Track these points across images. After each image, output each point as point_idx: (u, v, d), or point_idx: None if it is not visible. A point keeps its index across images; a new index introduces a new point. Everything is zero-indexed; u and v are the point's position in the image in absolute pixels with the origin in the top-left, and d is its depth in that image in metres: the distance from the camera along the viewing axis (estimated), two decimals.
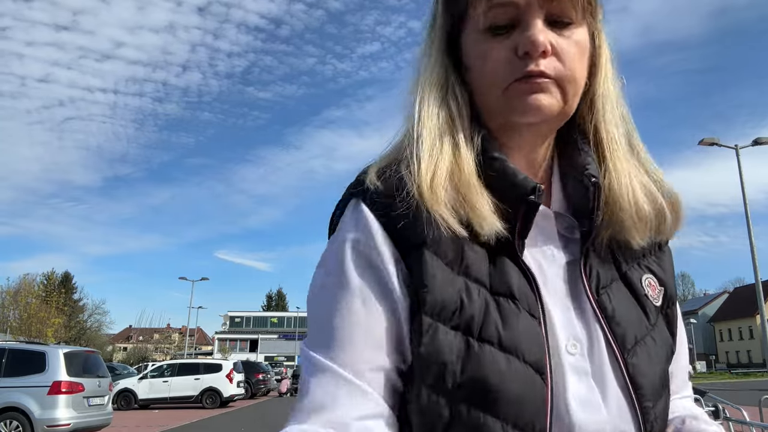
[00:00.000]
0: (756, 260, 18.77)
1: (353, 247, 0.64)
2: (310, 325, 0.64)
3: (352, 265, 0.63)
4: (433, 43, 0.72)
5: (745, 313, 67.72)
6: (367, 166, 0.69)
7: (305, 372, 0.61)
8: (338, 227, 0.67)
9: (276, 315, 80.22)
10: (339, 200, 0.70)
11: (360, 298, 0.62)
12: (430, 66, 0.70)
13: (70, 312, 51.13)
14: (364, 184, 0.66)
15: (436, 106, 0.68)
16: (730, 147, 18.83)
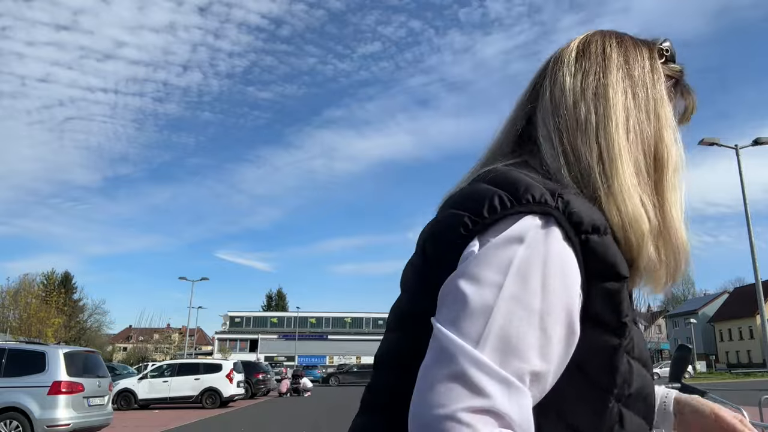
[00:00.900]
0: (756, 260, 18.78)
1: (553, 269, 0.63)
2: (489, 329, 0.60)
3: (551, 287, 0.62)
4: (658, 79, 0.79)
5: (745, 313, 67.71)
6: (542, 184, 0.67)
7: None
8: (526, 242, 0.63)
9: (276, 315, 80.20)
10: (499, 198, 0.67)
11: (558, 323, 0.62)
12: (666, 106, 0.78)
13: (70, 312, 51.12)
14: (549, 204, 0.65)
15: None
16: (730, 147, 18.83)
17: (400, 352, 0.71)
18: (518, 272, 0.61)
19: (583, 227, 0.65)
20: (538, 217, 0.65)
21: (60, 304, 48.15)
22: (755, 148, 18.54)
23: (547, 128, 0.75)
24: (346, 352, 73.48)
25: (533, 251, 0.63)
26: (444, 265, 0.66)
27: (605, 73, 0.75)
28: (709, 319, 78.50)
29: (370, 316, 79.20)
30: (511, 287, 0.61)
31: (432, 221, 0.73)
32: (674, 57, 0.83)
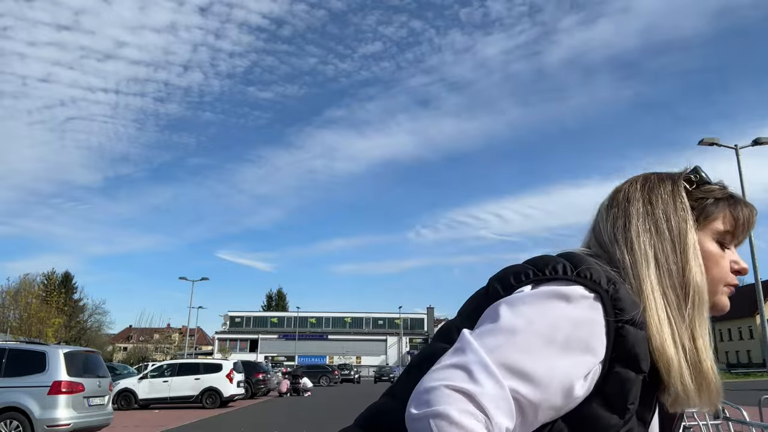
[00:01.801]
0: (756, 260, 18.79)
1: (581, 334, 0.73)
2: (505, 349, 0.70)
3: (571, 347, 0.72)
4: (688, 223, 0.87)
5: (745, 313, 67.71)
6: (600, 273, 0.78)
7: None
8: (570, 302, 0.74)
9: (276, 315, 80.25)
10: (563, 266, 0.79)
11: (561, 377, 0.71)
12: (690, 236, 0.86)
13: (70, 312, 51.10)
14: (602, 286, 0.76)
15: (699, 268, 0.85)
16: (730, 147, 18.85)
17: (432, 356, 0.79)
18: (553, 321, 0.72)
19: (624, 315, 0.75)
20: (588, 290, 0.76)
21: (60, 304, 48.13)
22: (755, 148, 18.55)
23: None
24: (346, 352, 73.52)
25: (572, 311, 0.73)
26: (496, 297, 0.79)
27: (629, 218, 0.87)
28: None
29: (370, 316, 79.23)
30: (540, 328, 0.71)
31: (503, 269, 0.85)
32: (705, 180, 0.92)
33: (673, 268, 0.83)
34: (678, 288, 0.82)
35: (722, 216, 0.91)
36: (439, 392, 0.66)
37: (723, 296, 0.89)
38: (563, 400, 0.72)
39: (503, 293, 0.79)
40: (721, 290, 0.89)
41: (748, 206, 0.95)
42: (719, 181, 0.94)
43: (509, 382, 0.68)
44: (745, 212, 0.93)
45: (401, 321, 74.45)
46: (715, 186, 0.93)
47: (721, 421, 6.90)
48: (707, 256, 0.87)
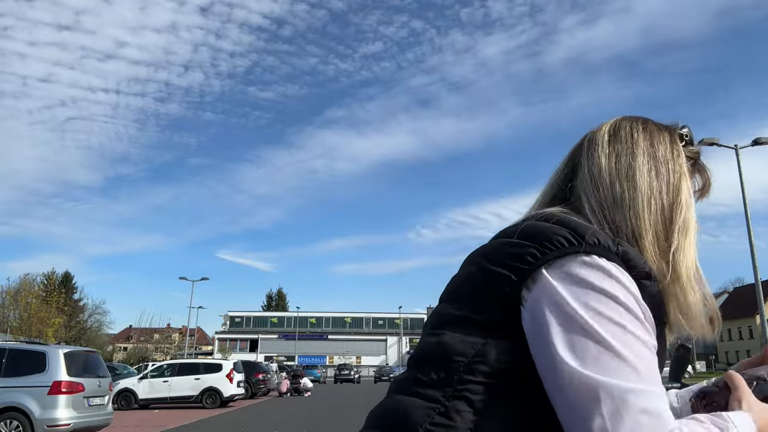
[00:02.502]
0: (756, 260, 18.79)
1: (637, 300, 0.73)
2: (634, 365, 0.69)
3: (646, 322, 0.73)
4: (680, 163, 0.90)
5: (745, 313, 67.71)
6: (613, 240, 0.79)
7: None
8: (619, 280, 0.73)
9: (276, 315, 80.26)
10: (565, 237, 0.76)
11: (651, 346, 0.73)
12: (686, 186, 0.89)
13: (70, 312, 51.10)
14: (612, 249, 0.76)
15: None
16: (730, 147, 18.84)
17: (428, 353, 0.80)
18: (627, 308, 0.71)
19: (638, 272, 0.76)
20: (605, 258, 0.74)
21: (60, 304, 48.13)
22: (755, 148, 18.55)
23: (590, 203, 0.86)
24: (346, 351, 73.53)
25: (619, 283, 0.73)
26: (507, 282, 0.76)
27: (634, 156, 0.87)
28: None
29: (370, 316, 79.24)
30: (629, 325, 0.70)
31: (492, 247, 0.84)
32: (692, 140, 0.95)
33: (666, 207, 0.85)
34: (667, 223, 0.85)
35: (698, 176, 0.96)
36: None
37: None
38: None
39: (515, 278, 0.76)
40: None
41: (710, 171, 0.99)
42: (697, 144, 0.97)
43: (658, 386, 0.69)
44: (710, 175, 0.98)
45: (401, 321, 74.42)
46: (697, 149, 0.97)
47: None
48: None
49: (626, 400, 0.65)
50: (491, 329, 0.76)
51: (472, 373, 0.74)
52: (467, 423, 0.73)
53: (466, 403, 0.74)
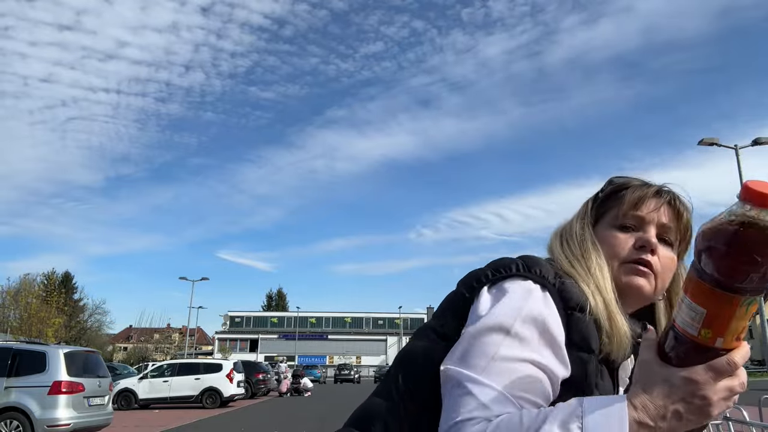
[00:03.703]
0: None
1: (548, 323, 0.83)
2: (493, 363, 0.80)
3: (543, 339, 0.82)
4: (584, 219, 1.04)
5: None
6: (538, 260, 0.94)
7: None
8: (532, 296, 0.86)
9: (276, 315, 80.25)
10: (511, 267, 0.91)
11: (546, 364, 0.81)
12: (582, 230, 1.01)
13: (70, 312, 51.04)
14: (549, 281, 0.89)
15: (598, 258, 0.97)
16: (730, 147, 18.85)
17: (410, 354, 0.94)
18: (532, 325, 0.82)
19: (570, 304, 0.86)
20: (539, 286, 0.87)
21: (60, 304, 48.08)
22: (755, 148, 18.55)
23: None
24: (346, 351, 73.54)
25: (537, 305, 0.84)
26: (462, 298, 0.92)
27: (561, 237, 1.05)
28: None
29: (370, 316, 79.25)
30: (517, 330, 0.81)
31: (469, 273, 0.97)
32: (613, 186, 1.06)
33: (580, 261, 0.95)
34: (584, 267, 0.95)
35: (617, 205, 1.02)
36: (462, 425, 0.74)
37: (629, 276, 0.96)
38: (551, 385, 0.81)
39: (467, 295, 0.91)
40: (622, 270, 0.97)
41: (642, 188, 1.03)
42: (631, 179, 1.06)
43: (507, 389, 0.77)
44: (635, 194, 1.02)
45: (401, 321, 74.42)
46: (618, 184, 1.06)
47: (722, 421, 6.90)
48: (602, 240, 1.00)
49: (464, 386, 0.77)
50: (446, 339, 0.88)
51: (425, 375, 0.86)
52: (413, 417, 0.86)
53: (415, 401, 0.87)
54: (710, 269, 0.60)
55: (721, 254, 0.58)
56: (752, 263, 0.57)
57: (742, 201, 0.59)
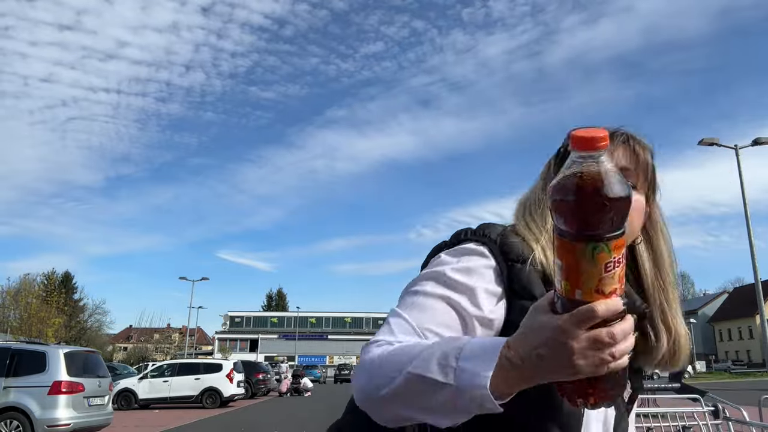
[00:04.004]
0: (756, 260, 18.80)
1: (477, 271, 0.92)
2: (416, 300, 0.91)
3: (467, 283, 0.91)
4: (545, 177, 1.07)
5: (745, 313, 67.72)
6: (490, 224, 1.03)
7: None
8: (465, 255, 0.95)
9: (276, 315, 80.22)
10: (462, 234, 1.01)
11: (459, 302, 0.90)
12: (540, 191, 1.05)
13: (70, 312, 51.05)
14: (491, 238, 0.97)
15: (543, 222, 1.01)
16: (730, 147, 18.86)
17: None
18: (457, 268, 0.92)
19: (510, 256, 0.93)
20: (482, 244, 0.96)
21: (60, 304, 48.09)
22: (755, 148, 18.57)
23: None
24: (346, 351, 73.51)
25: (464, 259, 0.94)
26: (423, 266, 1.03)
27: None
28: (708, 319, 78.51)
29: (370, 316, 79.19)
30: (446, 277, 0.91)
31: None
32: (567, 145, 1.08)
33: (537, 221, 1.00)
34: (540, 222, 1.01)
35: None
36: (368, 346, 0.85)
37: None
38: (460, 322, 0.89)
39: (426, 260, 1.02)
40: None
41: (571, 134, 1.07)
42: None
43: (416, 322, 0.87)
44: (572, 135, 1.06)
45: None
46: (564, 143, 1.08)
47: (721, 421, 6.90)
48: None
49: (388, 319, 0.88)
50: None
51: None
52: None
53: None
54: (556, 221, 0.64)
55: (557, 205, 0.62)
56: (583, 210, 0.60)
57: (571, 150, 0.63)
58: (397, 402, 0.77)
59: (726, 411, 6.09)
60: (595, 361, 0.63)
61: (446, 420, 0.75)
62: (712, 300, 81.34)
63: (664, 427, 3.84)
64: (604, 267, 0.62)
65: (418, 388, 0.75)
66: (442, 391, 0.73)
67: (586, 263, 0.62)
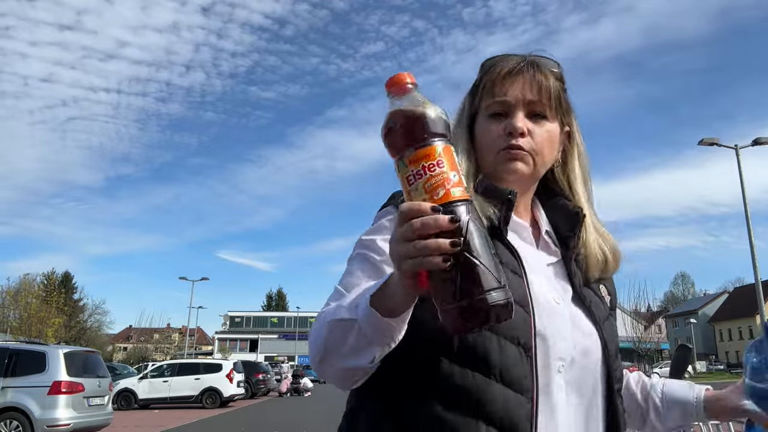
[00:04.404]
0: (756, 260, 18.79)
1: (386, 226, 1.01)
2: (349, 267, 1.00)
3: (378, 239, 0.99)
4: (460, 121, 1.09)
5: (745, 313, 67.69)
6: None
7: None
8: (378, 219, 1.05)
9: (276, 315, 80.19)
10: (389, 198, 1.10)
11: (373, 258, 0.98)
12: (457, 136, 1.05)
13: (70, 312, 51.03)
14: (398, 198, 1.04)
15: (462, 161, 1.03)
16: (730, 147, 18.85)
17: None
18: (371, 230, 1.02)
19: (398, 203, 1.00)
20: (393, 205, 1.04)
21: (60, 304, 48.07)
22: (755, 148, 18.56)
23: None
24: None
25: (375, 222, 1.04)
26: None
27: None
28: (709, 319, 78.46)
29: None
30: (363, 240, 1.01)
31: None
32: (487, 68, 1.10)
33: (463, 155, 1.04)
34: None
35: (487, 92, 1.06)
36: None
37: (504, 164, 1.01)
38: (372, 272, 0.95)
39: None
40: (498, 159, 1.02)
41: (498, 69, 1.06)
42: (496, 60, 1.10)
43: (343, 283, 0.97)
44: (493, 79, 1.05)
45: None
46: (485, 69, 1.10)
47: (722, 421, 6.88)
48: (480, 135, 1.06)
49: (337, 284, 0.97)
50: None
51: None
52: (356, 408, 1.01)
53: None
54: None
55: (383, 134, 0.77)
56: (384, 138, 0.76)
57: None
58: (331, 355, 0.86)
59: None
60: (406, 251, 0.68)
61: (367, 357, 0.83)
62: (712, 300, 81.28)
63: None
64: (407, 180, 0.72)
65: (338, 334, 0.84)
66: (353, 329, 0.82)
67: (400, 181, 0.73)
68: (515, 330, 0.88)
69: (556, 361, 0.91)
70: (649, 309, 61.87)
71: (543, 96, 1.02)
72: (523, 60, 1.05)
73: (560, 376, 0.92)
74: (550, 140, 1.03)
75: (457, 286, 0.67)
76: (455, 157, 0.73)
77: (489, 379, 0.86)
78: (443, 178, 0.70)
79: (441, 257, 0.66)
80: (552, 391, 0.90)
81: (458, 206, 0.69)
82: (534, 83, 1.02)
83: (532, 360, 0.89)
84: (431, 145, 0.72)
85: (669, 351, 60.53)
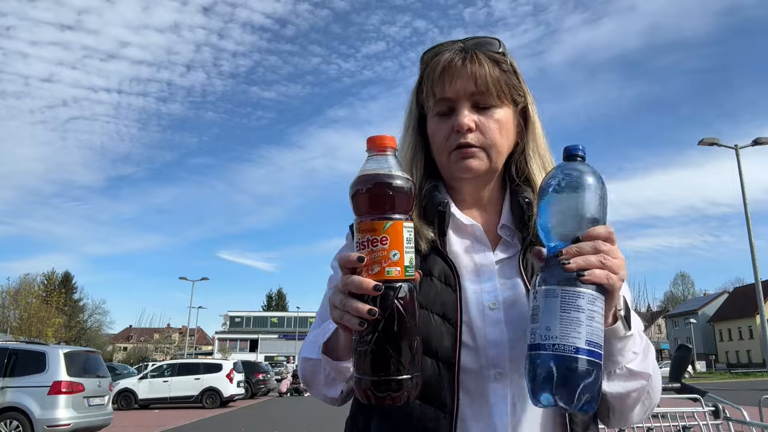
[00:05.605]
0: (756, 260, 18.79)
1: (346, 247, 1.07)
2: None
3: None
4: (408, 125, 1.08)
5: (745, 313, 67.69)
6: None
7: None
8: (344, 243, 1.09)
9: (276, 315, 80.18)
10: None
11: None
12: (405, 141, 1.07)
13: (70, 312, 51.05)
14: None
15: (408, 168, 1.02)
16: (730, 147, 18.85)
17: None
18: (339, 251, 1.05)
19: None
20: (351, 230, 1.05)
21: (60, 304, 48.07)
22: (755, 148, 18.55)
23: None
24: None
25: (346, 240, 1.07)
26: None
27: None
28: (708, 319, 78.47)
29: None
30: (333, 260, 1.02)
31: None
32: (423, 70, 1.06)
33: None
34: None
35: (429, 90, 1.02)
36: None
37: (457, 163, 0.99)
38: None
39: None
40: (451, 159, 1.00)
41: (436, 65, 1.02)
42: (433, 53, 1.04)
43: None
44: (432, 78, 1.01)
45: None
46: (425, 64, 1.06)
47: (722, 421, 6.89)
48: (430, 136, 1.03)
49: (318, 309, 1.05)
50: None
51: None
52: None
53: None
54: None
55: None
56: (353, 197, 0.79)
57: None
58: (311, 386, 0.95)
59: (726, 411, 6.09)
60: (334, 301, 0.74)
61: (336, 391, 0.90)
62: (712, 300, 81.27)
63: (664, 427, 3.84)
64: (355, 243, 0.76)
65: (309, 370, 0.92)
66: (320, 368, 0.89)
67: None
68: (432, 342, 0.88)
69: (489, 370, 0.89)
70: (649, 309, 61.93)
71: (483, 86, 0.97)
72: (457, 52, 1.00)
73: (498, 384, 0.89)
74: (502, 128, 1.00)
75: (363, 360, 0.72)
76: (405, 234, 0.74)
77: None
78: (381, 256, 0.73)
79: (357, 319, 0.70)
80: (489, 400, 0.88)
81: (390, 285, 0.72)
82: (471, 75, 0.97)
83: (454, 373, 0.88)
84: (379, 221, 0.74)
85: (669, 351, 60.57)
